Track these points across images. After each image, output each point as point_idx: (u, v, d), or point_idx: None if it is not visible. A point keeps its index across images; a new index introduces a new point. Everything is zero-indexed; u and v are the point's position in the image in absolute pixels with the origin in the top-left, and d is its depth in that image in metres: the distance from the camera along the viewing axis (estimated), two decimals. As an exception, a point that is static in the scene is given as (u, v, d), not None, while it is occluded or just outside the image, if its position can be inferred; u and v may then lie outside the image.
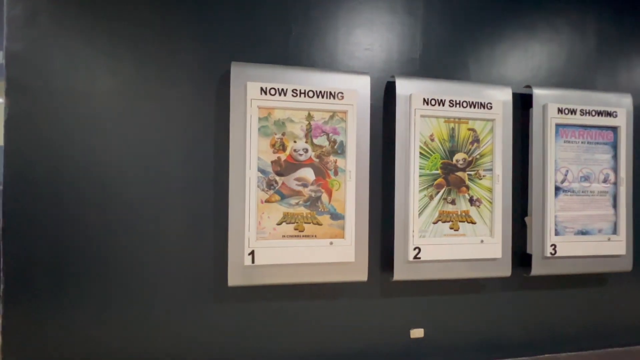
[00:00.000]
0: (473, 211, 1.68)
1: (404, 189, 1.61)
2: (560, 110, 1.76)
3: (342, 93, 1.53)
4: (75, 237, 1.41)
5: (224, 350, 1.53)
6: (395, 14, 1.70)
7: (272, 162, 1.49)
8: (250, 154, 1.46)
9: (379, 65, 1.69)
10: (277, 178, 1.49)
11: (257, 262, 1.46)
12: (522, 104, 1.81)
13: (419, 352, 1.72)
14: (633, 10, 1.97)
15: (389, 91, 1.67)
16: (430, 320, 1.74)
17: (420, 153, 1.62)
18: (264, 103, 1.47)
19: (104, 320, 1.43)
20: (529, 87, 1.79)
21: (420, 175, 1.62)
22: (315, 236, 1.52)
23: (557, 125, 1.77)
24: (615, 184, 1.84)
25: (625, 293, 1.97)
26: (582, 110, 1.79)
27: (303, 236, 1.51)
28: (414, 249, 1.60)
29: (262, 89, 1.46)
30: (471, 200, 1.68)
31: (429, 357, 1.74)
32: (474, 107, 1.66)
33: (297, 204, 1.51)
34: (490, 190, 1.69)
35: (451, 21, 1.76)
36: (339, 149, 1.54)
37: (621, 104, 1.85)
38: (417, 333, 1.71)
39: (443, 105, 1.63)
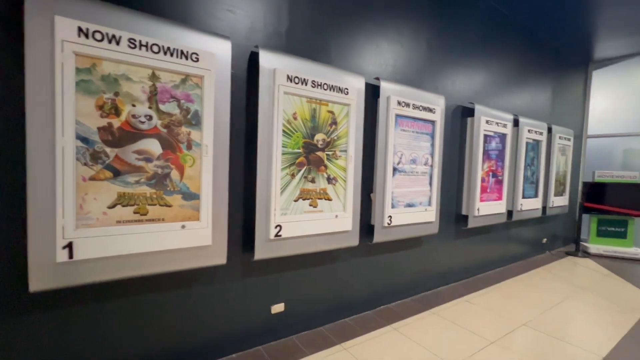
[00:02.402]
0: (330, 189, 1.81)
1: (267, 166, 1.57)
2: (399, 103, 2.08)
3: (196, 54, 1.33)
4: None
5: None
6: (261, -21, 1.59)
7: (99, 128, 1.16)
8: (63, 115, 1.09)
9: (242, 33, 1.55)
10: (108, 150, 1.18)
11: (77, 256, 1.14)
12: (373, 93, 2.04)
13: (280, 325, 1.77)
14: (453, 29, 2.49)
15: (252, 62, 1.57)
16: (291, 294, 1.81)
17: (283, 131, 1.61)
18: (85, 49, 1.12)
19: None
20: (377, 79, 2.03)
21: (283, 154, 1.61)
22: (163, 219, 1.31)
23: (397, 116, 2.09)
24: (431, 166, 2.34)
25: (435, 250, 2.58)
26: (414, 104, 2.17)
27: (146, 220, 1.27)
28: (276, 227, 1.60)
29: (80, 29, 1.10)
30: (329, 179, 1.80)
31: (290, 327, 1.82)
32: (333, 90, 1.76)
33: (137, 182, 1.24)
34: (345, 169, 1.86)
35: (317, 2, 1.78)
36: (193, 120, 1.35)
37: (438, 103, 2.35)
38: (278, 308, 1.76)
39: (306, 84, 1.66)
